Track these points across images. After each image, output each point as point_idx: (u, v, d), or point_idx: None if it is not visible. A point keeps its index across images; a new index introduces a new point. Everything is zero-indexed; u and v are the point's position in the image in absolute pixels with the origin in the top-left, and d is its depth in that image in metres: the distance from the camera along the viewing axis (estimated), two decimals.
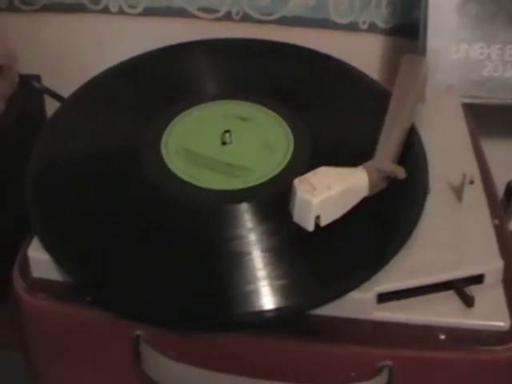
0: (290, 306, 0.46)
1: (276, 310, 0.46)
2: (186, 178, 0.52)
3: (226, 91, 0.60)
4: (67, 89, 0.61)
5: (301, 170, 0.51)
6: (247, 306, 0.46)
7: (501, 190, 0.62)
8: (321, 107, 0.59)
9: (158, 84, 0.61)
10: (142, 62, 0.63)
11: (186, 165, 0.53)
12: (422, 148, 0.57)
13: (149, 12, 0.71)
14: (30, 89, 0.70)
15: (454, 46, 0.67)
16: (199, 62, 0.63)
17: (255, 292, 0.46)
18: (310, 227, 0.48)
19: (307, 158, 0.54)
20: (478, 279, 0.50)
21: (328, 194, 0.48)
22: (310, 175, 0.49)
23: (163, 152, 0.54)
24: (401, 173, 0.51)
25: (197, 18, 0.69)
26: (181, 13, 0.69)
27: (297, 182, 0.49)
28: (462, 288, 0.49)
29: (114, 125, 0.58)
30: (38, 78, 0.72)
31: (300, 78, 0.62)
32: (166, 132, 0.56)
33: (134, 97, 0.60)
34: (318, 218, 0.48)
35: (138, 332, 0.48)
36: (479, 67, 0.68)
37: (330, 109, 0.59)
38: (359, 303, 0.48)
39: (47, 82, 0.72)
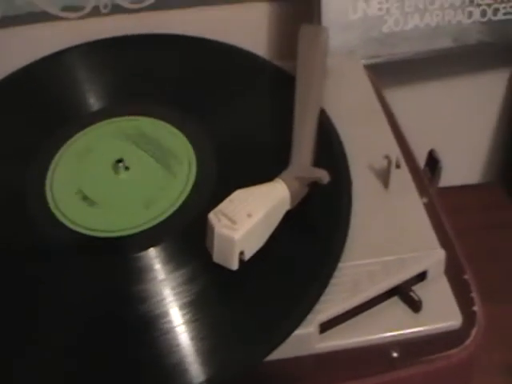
0: (224, 374, 0.40)
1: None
2: (78, 228, 0.46)
3: (110, 107, 0.53)
4: None
5: (209, 192, 0.47)
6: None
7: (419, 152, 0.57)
8: (218, 109, 0.53)
9: (27, 112, 0.53)
10: (4, 86, 0.55)
11: (78, 210, 0.47)
12: (337, 135, 0.52)
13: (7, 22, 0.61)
14: None
15: (351, 6, 0.62)
16: (69, 77, 0.55)
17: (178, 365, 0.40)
18: (235, 266, 0.43)
19: (214, 178, 0.48)
20: (420, 277, 0.47)
21: (250, 224, 0.43)
22: (225, 205, 0.44)
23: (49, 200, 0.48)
24: (324, 177, 0.46)
25: (61, 19, 0.61)
26: (44, 17, 0.60)
27: (212, 216, 0.43)
28: (408, 292, 0.46)
29: None
30: None
31: (181, 74, 0.56)
32: (49, 174, 0.49)
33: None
34: (241, 253, 0.43)
35: None
36: (378, 24, 0.63)
37: (229, 108, 0.54)
38: (300, 340, 0.43)
39: None
